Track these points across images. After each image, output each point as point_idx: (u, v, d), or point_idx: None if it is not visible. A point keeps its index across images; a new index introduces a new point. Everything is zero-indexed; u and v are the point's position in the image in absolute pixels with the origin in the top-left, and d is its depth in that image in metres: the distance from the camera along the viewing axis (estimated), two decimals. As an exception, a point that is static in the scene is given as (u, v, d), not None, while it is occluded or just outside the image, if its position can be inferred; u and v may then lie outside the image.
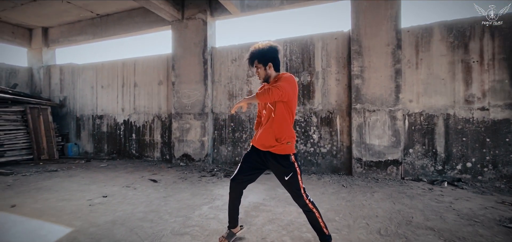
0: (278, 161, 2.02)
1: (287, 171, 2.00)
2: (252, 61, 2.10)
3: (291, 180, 2.00)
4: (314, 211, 1.99)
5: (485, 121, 4.26)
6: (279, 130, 2.02)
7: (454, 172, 4.42)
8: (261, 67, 2.08)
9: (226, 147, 5.98)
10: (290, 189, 2.04)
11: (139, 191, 3.94)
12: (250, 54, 2.10)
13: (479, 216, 2.87)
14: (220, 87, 6.06)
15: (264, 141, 2.06)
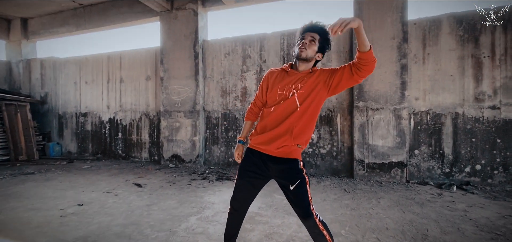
0: (283, 166, 1.63)
1: (294, 178, 1.59)
2: (314, 31, 1.62)
3: (299, 190, 1.57)
4: (325, 234, 1.57)
5: (496, 120, 3.98)
6: (305, 131, 1.64)
7: (462, 174, 4.14)
8: (315, 45, 1.62)
9: (218, 147, 5.60)
10: (297, 203, 1.58)
11: (121, 198, 3.54)
12: (317, 25, 1.64)
13: (499, 227, 2.57)
14: (212, 83, 5.66)
15: (281, 142, 1.61)
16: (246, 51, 5.38)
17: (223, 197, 3.52)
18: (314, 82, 1.62)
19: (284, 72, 1.72)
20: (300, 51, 1.63)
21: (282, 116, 1.64)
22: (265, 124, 1.69)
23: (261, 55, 5.28)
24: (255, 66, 5.32)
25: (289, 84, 1.65)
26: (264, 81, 1.78)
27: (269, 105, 1.71)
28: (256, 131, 1.76)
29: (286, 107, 1.63)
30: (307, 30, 1.65)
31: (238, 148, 1.87)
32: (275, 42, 5.16)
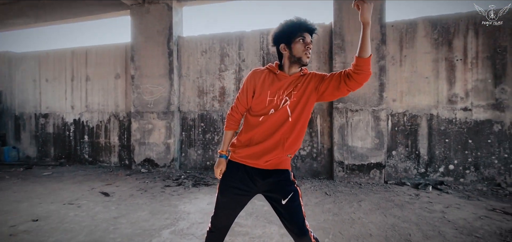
0: (272, 179, 1.45)
1: (286, 192, 1.42)
2: (313, 31, 1.44)
3: (291, 204, 1.40)
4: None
5: (467, 121, 4.12)
6: (297, 141, 1.47)
7: (436, 174, 4.24)
8: (311, 46, 1.44)
9: (195, 150, 5.31)
10: (290, 219, 1.40)
11: (84, 210, 3.17)
12: (313, 25, 1.44)
13: (477, 228, 2.60)
14: (188, 82, 5.36)
15: (271, 156, 1.43)
16: (225, 50, 5.15)
17: (199, 206, 3.28)
18: (306, 88, 1.44)
19: (272, 75, 1.48)
20: (306, 57, 1.41)
21: (272, 128, 1.44)
22: (251, 136, 1.47)
23: (240, 54, 5.08)
24: (233, 65, 5.11)
25: (280, 90, 1.44)
26: (249, 84, 1.49)
27: (256, 114, 1.47)
28: (239, 141, 1.52)
29: (278, 118, 1.43)
30: (307, 30, 1.41)
31: (220, 164, 1.54)
32: (255, 41, 4.98)
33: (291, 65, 1.46)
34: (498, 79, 4.00)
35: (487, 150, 4.05)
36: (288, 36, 1.42)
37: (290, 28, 1.41)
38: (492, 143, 4.03)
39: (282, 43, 1.45)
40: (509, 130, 3.97)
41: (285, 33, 1.43)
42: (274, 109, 1.44)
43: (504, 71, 3.97)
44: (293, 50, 1.41)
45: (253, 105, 1.49)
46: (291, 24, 1.42)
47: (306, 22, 1.41)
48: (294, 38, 1.40)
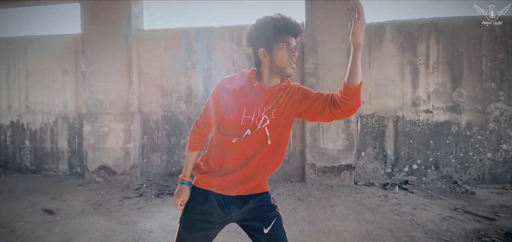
0: (250, 205, 1.21)
1: (268, 218, 1.20)
2: (299, 35, 1.19)
3: (275, 231, 1.19)
4: None
5: (429, 123, 4.32)
6: (278, 163, 1.26)
7: (402, 174, 4.40)
8: (296, 54, 1.20)
9: (159, 155, 4.87)
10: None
11: (18, 236, 2.63)
12: (300, 26, 1.17)
13: (444, 231, 2.67)
14: (150, 80, 4.88)
15: (247, 186, 1.21)
16: (191, 46, 4.78)
17: (163, 222, 2.94)
18: (287, 103, 1.20)
19: (249, 87, 1.20)
20: (290, 67, 1.16)
21: (248, 153, 1.18)
22: (222, 162, 1.21)
23: (208, 52, 4.75)
24: (202, 63, 4.76)
25: (258, 107, 1.17)
26: (219, 97, 1.20)
27: (228, 134, 1.19)
28: (207, 165, 1.25)
29: (255, 141, 1.18)
30: (293, 33, 1.16)
31: (181, 192, 1.26)
32: (224, 39, 4.69)
33: (271, 75, 1.19)
34: (456, 83, 4.25)
35: (446, 149, 4.30)
36: (269, 39, 1.14)
37: (272, 30, 1.13)
38: (450, 143, 4.28)
39: (262, 47, 1.16)
40: (465, 131, 4.24)
41: (266, 35, 1.14)
42: (251, 131, 1.17)
43: (461, 76, 4.23)
44: (276, 58, 1.15)
45: (224, 123, 1.20)
46: (272, 24, 1.13)
47: (291, 21, 1.14)
48: (277, 43, 1.14)
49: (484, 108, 4.20)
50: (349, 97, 1.09)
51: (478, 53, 4.18)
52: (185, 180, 1.28)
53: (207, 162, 1.25)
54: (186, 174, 1.30)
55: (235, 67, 4.67)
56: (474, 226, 2.76)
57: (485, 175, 4.22)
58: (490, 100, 4.18)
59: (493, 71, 4.16)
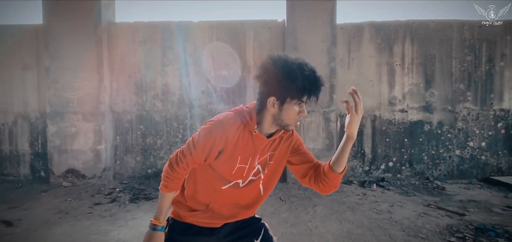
0: (236, 223, 1.19)
1: (256, 230, 1.19)
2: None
3: (266, 240, 1.19)
4: None
5: (404, 122, 4.48)
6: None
7: (378, 171, 4.54)
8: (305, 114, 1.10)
9: (133, 156, 4.60)
10: None
11: (-32, 254, 2.32)
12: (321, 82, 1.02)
13: (420, 228, 2.76)
14: (123, 77, 4.58)
15: (239, 217, 1.18)
16: (168, 41, 4.54)
17: (138, 230, 2.76)
18: (282, 152, 1.15)
19: (248, 134, 1.06)
20: (295, 125, 1.06)
21: (239, 200, 1.15)
22: (209, 204, 1.13)
23: (186, 48, 4.54)
24: (178, 59, 4.55)
25: (253, 158, 1.09)
26: (214, 143, 1.02)
27: (217, 178, 1.10)
28: (193, 202, 1.15)
29: (248, 192, 1.14)
30: (313, 96, 1.01)
31: (155, 239, 1.10)
32: (203, 35, 4.51)
33: (272, 124, 1.07)
34: (428, 84, 4.44)
35: (419, 147, 4.49)
36: (286, 93, 0.98)
37: (295, 86, 0.97)
38: (423, 141, 4.48)
39: (274, 96, 1.00)
40: (436, 129, 4.46)
41: (284, 86, 0.97)
42: (242, 182, 1.11)
43: (433, 77, 4.42)
44: (284, 112, 1.01)
45: (214, 165, 1.08)
46: (300, 79, 0.96)
47: (318, 84, 1.00)
48: (292, 99, 0.99)
49: (454, 108, 4.44)
50: (329, 180, 1.07)
51: (448, 56, 4.39)
52: (160, 225, 1.11)
53: (192, 199, 1.14)
54: (161, 218, 1.12)
55: (215, 65, 4.52)
56: (446, 222, 2.89)
57: (454, 171, 4.48)
58: (459, 101, 4.43)
59: (462, 73, 4.40)
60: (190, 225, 1.15)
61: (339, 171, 1.05)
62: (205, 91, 4.57)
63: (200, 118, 4.55)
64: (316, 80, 0.99)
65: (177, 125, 4.59)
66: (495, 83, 4.39)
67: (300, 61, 0.99)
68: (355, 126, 1.00)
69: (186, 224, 1.15)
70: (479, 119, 4.43)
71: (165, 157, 4.59)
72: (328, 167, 1.06)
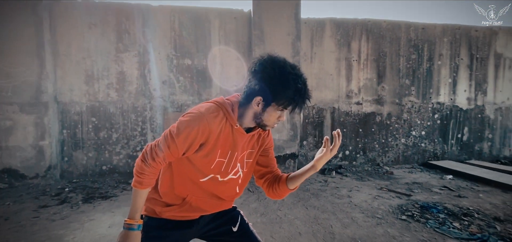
0: (213, 214, 1.21)
1: (233, 218, 1.23)
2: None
3: (243, 227, 1.23)
4: None
5: (359, 113, 4.86)
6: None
7: (337, 160, 4.86)
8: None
9: (85, 152, 4.15)
10: (249, 241, 1.22)
11: None
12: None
13: (376, 209, 3.05)
14: (69, 63, 4.06)
15: (215, 210, 1.20)
16: (123, 25, 4.15)
17: (97, 232, 2.51)
18: (257, 150, 1.19)
19: (229, 127, 1.05)
20: (272, 127, 1.09)
21: (217, 194, 1.14)
22: (186, 196, 1.11)
23: (144, 33, 4.21)
24: (136, 46, 4.20)
25: (233, 153, 1.08)
26: (196, 136, 0.98)
27: (194, 173, 1.07)
28: (169, 197, 1.11)
29: (225, 187, 1.14)
30: (297, 109, 1.03)
31: (132, 239, 1.02)
32: (164, 20, 4.23)
33: (252, 121, 1.07)
34: (380, 79, 4.87)
35: (371, 137, 4.93)
36: (274, 98, 0.98)
37: (285, 95, 0.97)
38: (375, 131, 4.92)
39: (260, 96, 0.99)
40: (386, 120, 4.94)
41: (275, 92, 0.97)
42: (221, 176, 1.09)
43: (384, 72, 4.86)
44: (265, 114, 1.02)
45: (194, 158, 1.05)
46: (291, 90, 0.96)
47: (307, 100, 1.02)
48: (277, 106, 1.00)
49: (400, 101, 4.96)
50: (280, 192, 1.17)
51: (397, 54, 4.87)
52: (136, 225, 1.03)
53: (168, 195, 1.11)
54: (137, 217, 1.04)
55: (178, 53, 4.29)
56: (397, 202, 3.24)
57: (400, 157, 5.04)
58: (405, 94, 4.96)
59: (408, 69, 4.93)
60: (167, 220, 1.11)
61: (292, 188, 1.14)
62: (167, 81, 4.32)
63: (162, 110, 4.30)
64: (306, 95, 1.00)
65: (136, 117, 4.27)
66: (434, 79, 5.03)
67: (296, 72, 0.98)
68: (324, 161, 1.06)
69: (163, 219, 1.11)
70: (421, 111, 5.04)
71: (122, 151, 4.25)
72: (284, 181, 1.15)
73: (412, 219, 2.78)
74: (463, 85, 5.18)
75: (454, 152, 5.26)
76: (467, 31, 5.08)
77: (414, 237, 2.42)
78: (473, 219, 2.77)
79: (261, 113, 1.02)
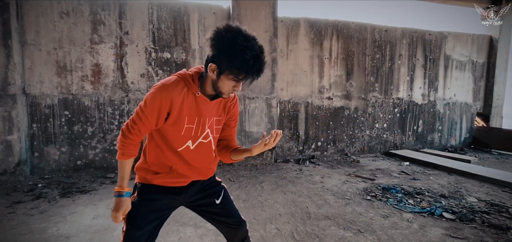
0: (199, 186, 1.33)
1: (217, 191, 1.36)
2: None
3: (226, 200, 1.37)
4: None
5: (330, 107, 5.26)
6: (219, 158, 1.43)
7: (310, 150, 5.23)
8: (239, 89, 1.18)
9: (57, 147, 4.00)
10: (229, 214, 1.35)
11: None
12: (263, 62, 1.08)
13: (345, 192, 3.42)
14: (39, 54, 3.87)
15: (199, 175, 1.32)
16: (98, 15, 4.05)
17: (82, 223, 2.53)
18: (225, 117, 1.32)
19: (192, 96, 1.17)
20: (228, 95, 1.17)
21: (194, 159, 1.27)
22: (171, 165, 1.24)
23: (121, 25, 4.15)
24: (113, 37, 4.12)
25: (202, 120, 1.21)
26: (163, 103, 1.12)
27: (170, 143, 1.21)
28: (156, 167, 1.25)
29: (200, 152, 1.27)
30: (249, 78, 1.09)
31: (122, 205, 1.16)
32: (141, 12, 4.19)
33: (212, 89, 1.16)
34: (348, 76, 5.30)
35: (340, 129, 5.36)
36: (225, 65, 1.05)
37: (234, 62, 1.03)
38: (344, 124, 5.36)
39: (214, 64, 1.07)
40: (353, 114, 5.40)
41: (226, 58, 1.04)
42: (192, 142, 1.23)
43: (352, 70, 5.30)
44: (220, 82, 1.11)
45: (164, 130, 1.19)
46: (239, 58, 1.02)
47: (256, 69, 1.06)
48: (229, 74, 1.07)
49: (366, 96, 5.45)
50: (223, 157, 1.37)
51: (363, 53, 5.33)
52: (124, 191, 1.17)
53: (155, 164, 1.24)
54: (124, 184, 1.17)
55: (156, 46, 4.29)
56: (363, 186, 3.65)
57: (365, 147, 5.55)
58: (370, 90, 5.46)
59: (373, 68, 5.43)
60: (158, 186, 1.25)
61: (233, 159, 1.33)
62: (145, 75, 4.30)
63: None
64: (254, 66, 1.04)
65: (113, 111, 4.20)
66: (394, 77, 5.60)
67: (247, 43, 1.02)
68: (258, 151, 1.19)
69: (154, 185, 1.25)
70: (383, 106, 5.59)
71: (98, 146, 4.16)
72: (229, 152, 1.33)
73: (375, 198, 3.18)
74: (419, 82, 5.83)
75: (411, 142, 5.92)
76: (422, 34, 5.72)
77: (376, 213, 2.80)
78: (424, 196, 3.25)
79: (216, 81, 1.10)
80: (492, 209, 2.88)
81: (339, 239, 2.29)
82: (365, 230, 2.45)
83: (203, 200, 1.33)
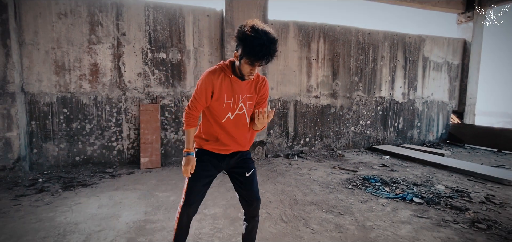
0: (239, 157, 1.67)
1: (249, 167, 1.68)
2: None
3: (253, 176, 1.68)
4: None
5: (317, 106, 5.59)
6: (254, 134, 1.76)
7: (299, 146, 5.54)
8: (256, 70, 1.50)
9: (56, 143, 4.14)
10: (251, 187, 1.65)
11: None
12: (275, 45, 1.37)
13: (330, 182, 3.74)
14: (37, 53, 4.00)
15: (238, 146, 1.64)
16: (96, 17, 4.20)
17: (89, 212, 2.73)
18: (255, 96, 1.61)
19: (227, 79, 1.51)
20: (249, 77, 1.47)
21: (234, 129, 1.60)
22: (217, 136, 1.61)
23: (118, 26, 4.32)
24: (110, 38, 4.29)
25: (236, 96, 1.54)
26: (207, 85, 1.50)
27: (217, 115, 1.58)
28: (207, 134, 1.63)
29: (238, 123, 1.60)
30: (259, 62, 1.35)
31: (190, 161, 1.58)
32: (138, 14, 4.38)
33: (240, 72, 1.48)
34: (334, 76, 5.64)
35: (327, 126, 5.70)
36: (242, 52, 1.37)
37: (247, 49, 1.33)
38: (330, 121, 5.71)
39: (237, 51, 1.43)
40: (339, 111, 5.75)
41: (242, 47, 1.36)
42: (231, 114, 1.56)
43: (338, 70, 5.65)
44: (241, 66, 1.43)
45: (212, 105, 1.56)
46: (250, 46, 1.32)
47: (262, 55, 1.32)
48: (245, 59, 1.37)
49: (351, 95, 5.81)
50: (254, 130, 1.67)
51: (348, 54, 5.69)
52: (191, 151, 1.60)
53: (206, 134, 1.64)
54: (190, 146, 1.61)
55: (153, 47, 4.48)
56: (346, 177, 3.98)
57: (350, 142, 5.91)
58: (354, 89, 5.83)
59: (357, 68, 5.79)
60: (208, 151, 1.63)
61: (253, 130, 1.64)
62: (142, 74, 4.49)
63: (137, 102, 4.47)
64: (260, 52, 1.31)
65: (110, 108, 4.37)
66: (377, 77, 5.98)
67: (256, 34, 1.30)
68: (257, 123, 1.44)
69: (206, 150, 1.64)
70: (367, 104, 5.96)
71: (97, 142, 4.33)
72: (253, 125, 1.62)
73: (356, 187, 3.52)
74: (399, 82, 6.25)
75: (392, 137, 6.33)
76: (403, 37, 6.14)
77: (356, 199, 3.13)
78: (399, 185, 3.61)
79: (239, 65, 1.44)
80: (456, 194, 3.26)
81: (322, 220, 2.60)
82: (345, 212, 2.76)
83: (238, 169, 1.66)
